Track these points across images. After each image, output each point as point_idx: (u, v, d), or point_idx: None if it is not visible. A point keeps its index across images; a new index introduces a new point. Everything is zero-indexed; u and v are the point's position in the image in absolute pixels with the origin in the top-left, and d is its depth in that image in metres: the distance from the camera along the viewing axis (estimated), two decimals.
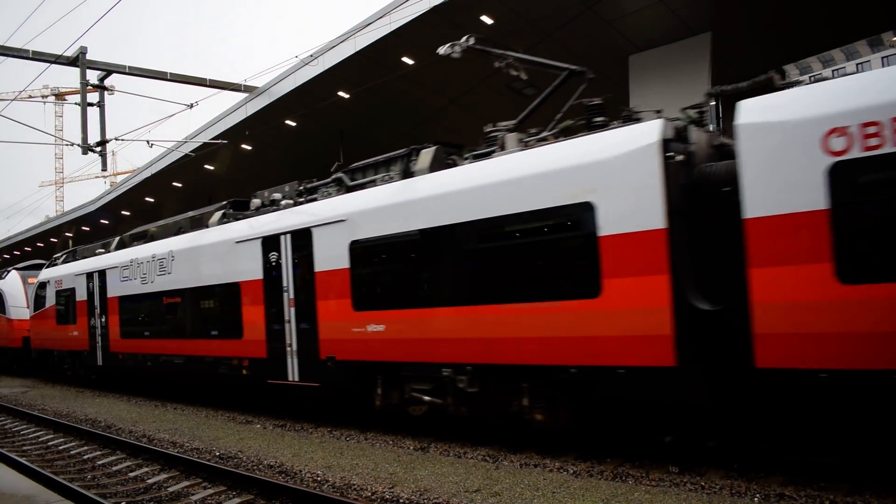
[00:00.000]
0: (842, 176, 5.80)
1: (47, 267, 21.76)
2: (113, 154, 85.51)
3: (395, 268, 9.67)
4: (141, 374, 16.30)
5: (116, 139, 17.88)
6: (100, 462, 9.66)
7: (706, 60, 17.92)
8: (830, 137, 5.86)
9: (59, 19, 16.51)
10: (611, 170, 7.21)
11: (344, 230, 10.15)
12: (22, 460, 9.35)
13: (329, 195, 11.17)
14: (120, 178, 48.29)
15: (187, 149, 24.36)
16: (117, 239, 18.05)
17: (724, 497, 6.26)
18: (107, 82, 18.63)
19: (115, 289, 16.57)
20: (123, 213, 38.13)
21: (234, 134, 24.80)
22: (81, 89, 17.37)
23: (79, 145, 17.02)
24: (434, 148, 9.84)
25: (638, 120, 7.51)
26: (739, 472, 6.92)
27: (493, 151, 9.04)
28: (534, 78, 10.58)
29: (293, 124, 24.92)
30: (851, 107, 5.82)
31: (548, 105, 9.52)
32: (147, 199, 35.28)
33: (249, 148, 27.24)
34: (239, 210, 13.59)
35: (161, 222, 16.55)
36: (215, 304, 13.22)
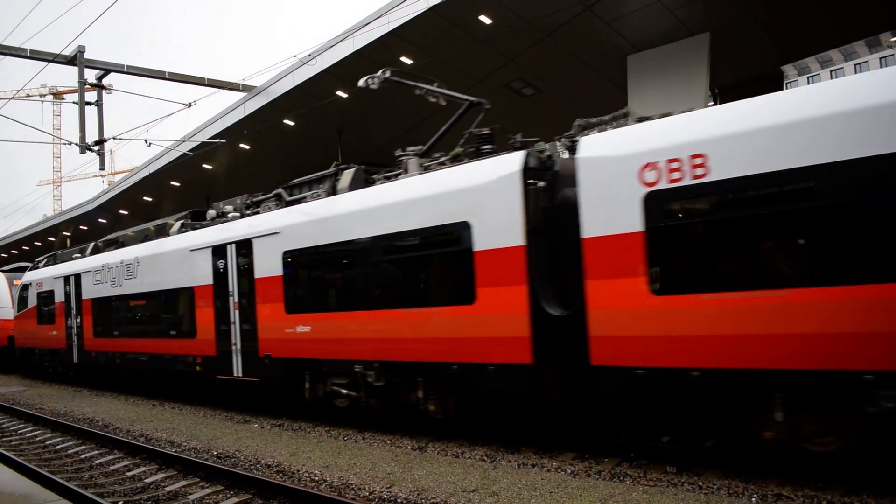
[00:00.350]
0: (652, 204, 6.88)
1: (30, 270, 22.92)
2: (111, 153, 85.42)
3: (318, 276, 10.96)
4: (111, 370, 17.55)
5: (114, 138, 17.88)
6: (97, 461, 9.65)
7: (704, 60, 17.93)
8: (645, 171, 6.96)
9: (56, 18, 16.52)
10: (483, 194, 8.41)
11: (278, 241, 11.37)
12: (19, 459, 9.35)
13: (269, 209, 12.42)
14: (118, 178, 48.24)
15: (185, 148, 24.34)
16: (92, 245, 19.17)
17: (722, 497, 6.27)
18: (105, 81, 18.61)
19: (88, 291, 17.83)
20: (121, 212, 38.07)
21: (233, 133, 24.76)
22: (79, 88, 17.33)
23: (77, 144, 17.00)
24: (354, 169, 10.93)
25: (518, 148, 8.54)
26: (737, 472, 6.94)
27: (400, 174, 10.25)
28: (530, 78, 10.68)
29: (291, 124, 24.88)
30: (661, 145, 6.89)
31: (459, 128, 10.47)
32: (145, 198, 35.22)
33: (248, 147, 27.20)
34: (197, 220, 14.75)
35: (131, 230, 17.92)
36: (174, 307, 14.42)
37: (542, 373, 7.86)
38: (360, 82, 11.43)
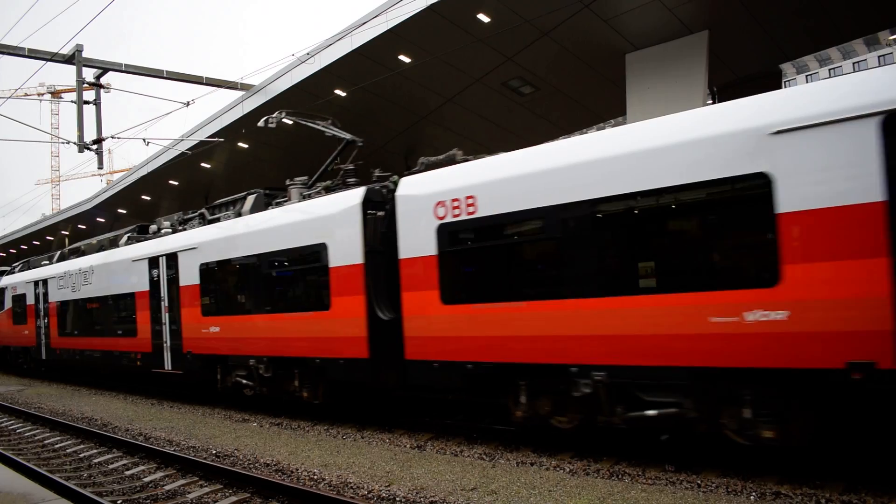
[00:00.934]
0: (441, 233, 8.86)
1: (7, 275, 25.13)
2: (109, 152, 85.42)
3: (224, 285, 12.90)
4: (72, 365, 19.88)
5: (113, 137, 17.82)
6: (96, 460, 9.65)
7: (703, 59, 17.91)
8: (437, 207, 8.92)
9: (54, 17, 16.49)
10: (335, 221, 10.31)
11: (197, 255, 13.33)
12: (18, 459, 9.34)
13: (194, 226, 14.42)
14: (116, 177, 48.16)
15: (184, 147, 24.29)
16: (59, 252, 21.40)
17: (721, 495, 6.27)
18: (103, 80, 18.56)
19: (54, 295, 20.02)
20: (120, 210, 38.01)
21: (231, 132, 24.73)
22: (77, 87, 17.29)
23: (75, 143, 16.97)
24: (256, 194, 13.01)
25: (383, 179, 10.54)
26: (736, 470, 6.94)
27: (286, 200, 12.33)
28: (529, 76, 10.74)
29: (290, 122, 24.84)
30: (448, 187, 8.84)
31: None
32: (143, 196, 35.16)
33: (246, 146, 27.16)
34: (142, 234, 17.06)
35: (93, 240, 19.96)
36: (120, 310, 16.41)
37: (376, 365, 9.80)
38: (260, 123, 13.57)
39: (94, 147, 17.20)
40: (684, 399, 6.86)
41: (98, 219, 39.94)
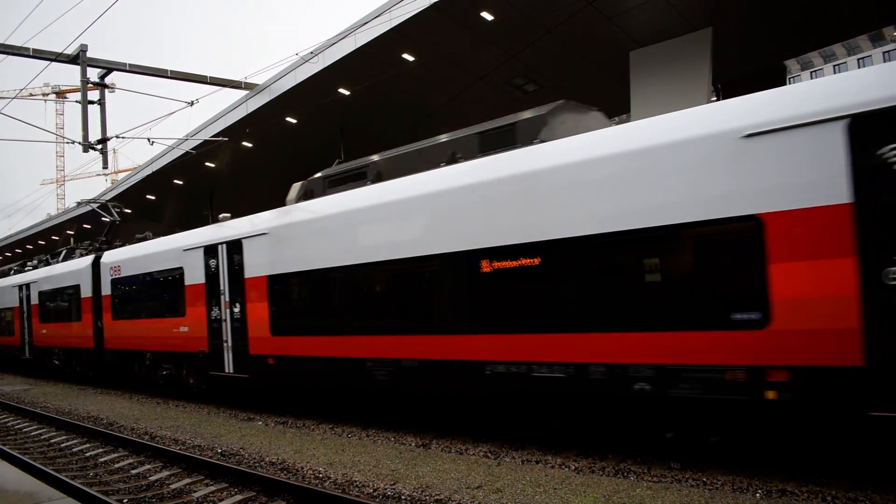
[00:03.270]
0: (114, 284, 16.90)
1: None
2: (114, 152, 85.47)
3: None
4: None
5: (117, 137, 17.84)
6: (102, 459, 9.68)
7: (707, 55, 17.86)
8: (111, 270, 16.99)
9: (59, 17, 16.51)
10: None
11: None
12: (24, 458, 9.37)
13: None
14: (121, 176, 48.28)
15: (188, 146, 24.34)
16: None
17: (726, 493, 6.26)
18: (107, 80, 18.57)
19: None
20: (125, 210, 38.11)
21: (235, 131, 24.77)
22: (82, 87, 17.32)
23: (80, 143, 16.99)
24: (37, 262, 21.50)
25: (101, 251, 18.67)
26: (741, 467, 6.93)
27: (55, 260, 21.28)
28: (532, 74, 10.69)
29: (294, 121, 24.89)
30: (116, 259, 17.05)
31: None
32: (148, 196, 35.26)
33: (250, 145, 27.22)
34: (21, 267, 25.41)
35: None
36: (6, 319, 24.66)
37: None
38: (78, 210, 18.35)
39: (99, 147, 17.20)
40: None
41: (103, 218, 40.02)
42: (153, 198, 35.49)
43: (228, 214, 13.61)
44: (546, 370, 7.60)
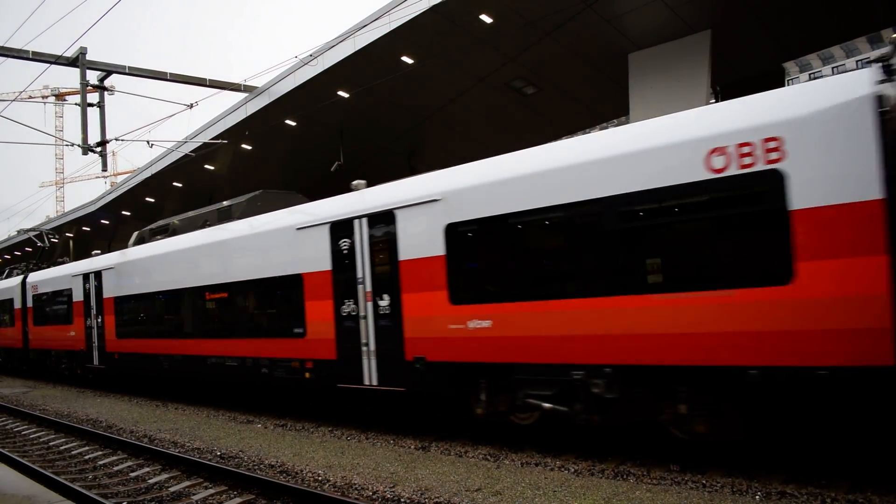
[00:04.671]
0: (33, 297, 21.91)
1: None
2: (113, 154, 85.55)
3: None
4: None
5: (117, 139, 17.85)
6: (101, 462, 9.67)
7: (706, 58, 17.88)
8: (31, 287, 22.09)
9: (58, 20, 16.52)
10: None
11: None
12: (23, 461, 9.36)
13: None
14: (120, 179, 48.28)
15: (187, 149, 24.33)
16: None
17: (726, 495, 6.26)
18: (107, 83, 18.59)
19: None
20: (124, 213, 38.12)
21: (234, 134, 24.77)
22: (81, 90, 17.34)
23: (79, 146, 17.00)
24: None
25: (33, 271, 22.86)
26: (741, 469, 6.93)
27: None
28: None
29: (293, 124, 24.90)
30: (35, 280, 21.80)
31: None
32: (147, 199, 35.26)
33: (249, 148, 27.22)
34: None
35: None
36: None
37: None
38: (21, 233, 21.43)
39: (99, 149, 17.22)
40: None
41: (102, 221, 40.06)
42: (152, 200, 35.49)
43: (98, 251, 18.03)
44: (231, 361, 12.56)
